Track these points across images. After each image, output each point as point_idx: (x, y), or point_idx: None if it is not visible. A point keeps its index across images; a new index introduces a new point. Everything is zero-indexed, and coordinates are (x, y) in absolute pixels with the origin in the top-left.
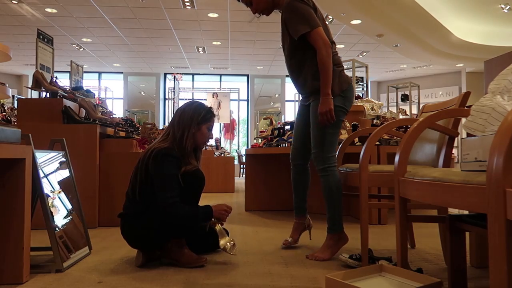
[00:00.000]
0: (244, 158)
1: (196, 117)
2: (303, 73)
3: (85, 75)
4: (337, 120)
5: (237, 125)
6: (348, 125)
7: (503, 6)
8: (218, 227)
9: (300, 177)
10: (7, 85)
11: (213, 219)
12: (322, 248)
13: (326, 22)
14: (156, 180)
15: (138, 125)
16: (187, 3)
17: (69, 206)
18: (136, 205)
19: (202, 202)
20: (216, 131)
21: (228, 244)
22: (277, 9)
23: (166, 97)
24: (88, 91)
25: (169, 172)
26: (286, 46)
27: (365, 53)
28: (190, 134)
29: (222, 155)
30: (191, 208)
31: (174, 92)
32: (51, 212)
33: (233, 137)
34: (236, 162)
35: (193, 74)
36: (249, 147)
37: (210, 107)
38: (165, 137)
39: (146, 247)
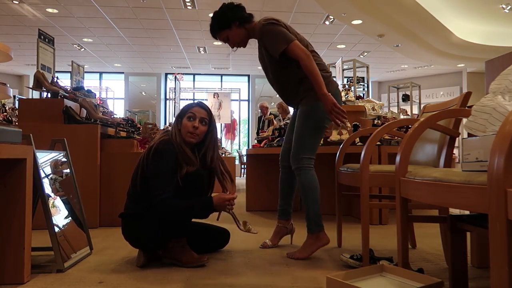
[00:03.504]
0: (245, 158)
1: (179, 114)
2: (290, 86)
3: (86, 75)
4: (319, 125)
5: (238, 125)
6: (349, 125)
7: (504, 6)
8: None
9: (287, 180)
10: (8, 85)
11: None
12: (302, 247)
13: (302, 35)
14: (151, 177)
15: (139, 125)
16: (188, 3)
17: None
18: (137, 205)
19: None
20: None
21: (248, 225)
22: (252, 38)
23: (167, 97)
24: (89, 91)
25: (163, 168)
26: (270, 69)
27: (366, 53)
28: (176, 130)
29: (223, 155)
30: (184, 201)
31: (175, 92)
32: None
33: (234, 137)
34: (237, 162)
35: (194, 74)
36: (250, 147)
37: (192, 103)
38: (164, 132)
39: (148, 247)
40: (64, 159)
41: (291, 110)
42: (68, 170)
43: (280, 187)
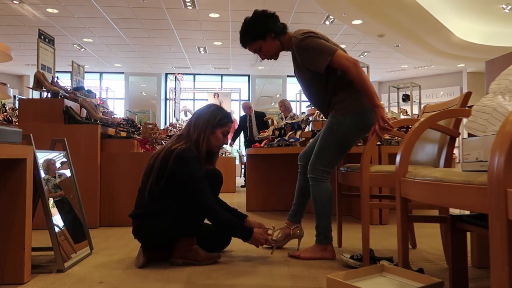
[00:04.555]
0: (245, 158)
1: (212, 121)
2: (321, 97)
3: (86, 75)
4: (343, 141)
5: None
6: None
7: (504, 6)
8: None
9: (301, 179)
10: (8, 85)
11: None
12: (307, 249)
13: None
14: (188, 181)
15: (139, 125)
16: (188, 3)
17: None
18: (154, 205)
19: None
20: None
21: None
22: (285, 50)
23: (167, 97)
24: (89, 91)
25: (200, 173)
26: (301, 79)
27: (366, 53)
28: (205, 137)
29: (223, 155)
30: (232, 218)
31: (175, 92)
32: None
33: None
34: (237, 162)
35: (194, 74)
36: (250, 147)
37: (229, 113)
38: (180, 138)
39: (163, 245)
40: (63, 159)
41: (293, 107)
42: (63, 171)
43: (296, 186)
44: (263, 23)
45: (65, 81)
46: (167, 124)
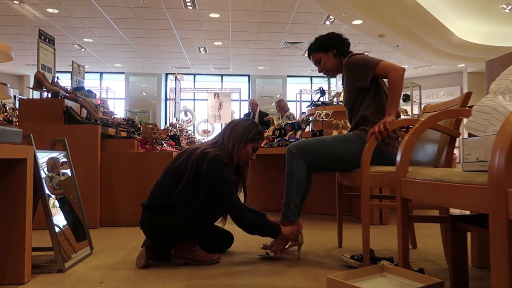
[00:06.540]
0: None
1: (246, 135)
2: (354, 112)
3: (86, 75)
4: (343, 156)
5: None
6: (349, 125)
7: (504, 6)
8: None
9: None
10: (8, 85)
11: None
12: (277, 240)
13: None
14: (219, 184)
15: (139, 126)
16: (188, 3)
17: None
18: (174, 200)
19: None
20: (217, 131)
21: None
22: (340, 72)
23: (168, 97)
24: (89, 91)
25: (230, 178)
26: (352, 95)
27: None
28: (239, 149)
29: None
30: (259, 219)
31: (175, 92)
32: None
33: None
34: None
35: (194, 74)
36: None
37: (262, 130)
38: (215, 144)
39: (167, 242)
40: (64, 159)
41: (293, 107)
42: (66, 170)
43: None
44: (331, 40)
45: (65, 81)
46: (167, 124)
